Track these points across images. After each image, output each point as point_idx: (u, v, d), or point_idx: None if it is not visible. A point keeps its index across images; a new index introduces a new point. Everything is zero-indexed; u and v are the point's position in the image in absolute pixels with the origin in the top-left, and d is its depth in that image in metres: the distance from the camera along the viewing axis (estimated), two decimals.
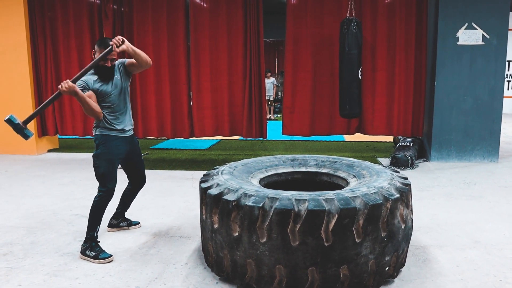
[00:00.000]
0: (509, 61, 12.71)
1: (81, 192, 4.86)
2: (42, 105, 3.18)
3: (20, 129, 3.09)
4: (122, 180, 3.56)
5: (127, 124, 3.35)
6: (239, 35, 6.48)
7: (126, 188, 3.68)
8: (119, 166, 3.36)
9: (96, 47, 3.22)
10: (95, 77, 3.21)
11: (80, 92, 3.02)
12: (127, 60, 3.39)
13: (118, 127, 3.28)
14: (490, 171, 5.79)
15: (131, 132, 3.42)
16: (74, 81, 3.03)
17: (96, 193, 3.24)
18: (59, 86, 2.97)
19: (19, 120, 3.11)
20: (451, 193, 4.81)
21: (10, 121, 3.07)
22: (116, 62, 3.31)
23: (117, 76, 3.31)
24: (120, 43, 3.07)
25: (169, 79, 6.70)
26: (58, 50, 6.95)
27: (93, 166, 3.25)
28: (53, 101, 3.21)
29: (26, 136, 3.12)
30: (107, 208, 3.28)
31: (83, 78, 3.13)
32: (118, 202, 3.71)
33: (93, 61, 3.16)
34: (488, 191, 4.87)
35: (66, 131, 7.18)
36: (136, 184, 3.65)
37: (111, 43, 3.07)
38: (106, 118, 3.24)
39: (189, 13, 6.53)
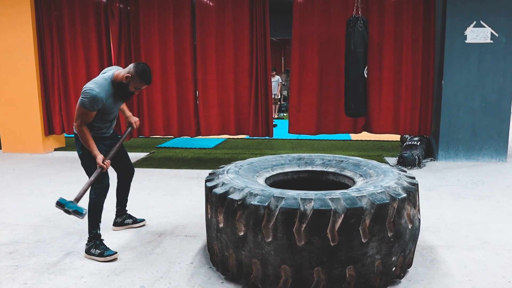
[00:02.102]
0: None
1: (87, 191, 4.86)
2: (89, 182, 3.18)
3: (74, 208, 3.03)
4: (112, 178, 3.54)
5: (109, 129, 3.38)
6: (245, 34, 6.46)
7: (117, 184, 3.66)
8: None
9: (134, 74, 3.13)
10: (110, 91, 3.15)
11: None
12: None
13: (103, 131, 3.30)
14: (498, 170, 5.73)
15: (111, 131, 3.43)
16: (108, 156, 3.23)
17: (91, 190, 3.23)
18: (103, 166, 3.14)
19: (68, 200, 3.07)
20: (459, 192, 4.77)
21: (59, 204, 3.03)
22: None
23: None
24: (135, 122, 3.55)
25: (176, 78, 6.70)
26: (64, 49, 6.97)
27: (83, 165, 3.25)
28: (98, 179, 3.21)
29: (79, 215, 3.02)
30: (111, 208, 3.28)
31: (102, 95, 3.06)
32: (115, 201, 3.70)
33: (119, 143, 3.37)
34: (496, 190, 4.82)
35: (72, 130, 7.18)
36: (126, 175, 3.64)
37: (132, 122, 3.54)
38: (95, 126, 3.21)
39: (195, 12, 6.52)
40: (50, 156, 7.03)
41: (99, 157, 3.12)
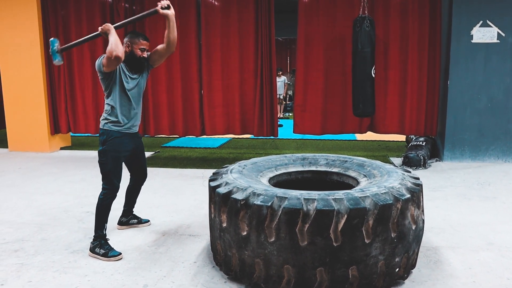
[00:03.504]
0: None
1: (93, 189, 4.89)
2: (82, 39, 3.42)
3: (53, 53, 3.30)
4: (124, 178, 3.55)
5: (135, 122, 3.36)
6: (251, 34, 6.46)
7: (128, 185, 3.68)
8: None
9: (128, 39, 3.29)
10: (124, 67, 3.26)
11: (114, 32, 3.14)
12: (150, 53, 3.45)
13: (128, 124, 3.28)
14: (504, 171, 5.69)
15: (137, 129, 3.43)
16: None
17: (101, 191, 3.24)
18: (100, 28, 3.21)
19: (58, 45, 3.33)
20: (464, 193, 4.74)
21: (51, 43, 3.32)
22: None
23: (143, 74, 3.39)
24: (166, 5, 3.22)
25: (181, 78, 6.71)
26: (71, 49, 6.98)
27: (99, 162, 3.23)
28: (91, 39, 3.40)
29: (54, 60, 3.33)
30: (116, 207, 3.28)
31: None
32: (123, 201, 3.72)
33: (140, 15, 3.37)
34: (502, 191, 4.79)
35: (79, 129, 7.23)
36: (139, 178, 3.65)
37: (158, 8, 3.22)
38: (118, 111, 3.22)
39: (201, 11, 6.53)
40: (56, 155, 7.07)
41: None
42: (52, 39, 3.34)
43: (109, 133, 3.22)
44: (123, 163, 3.36)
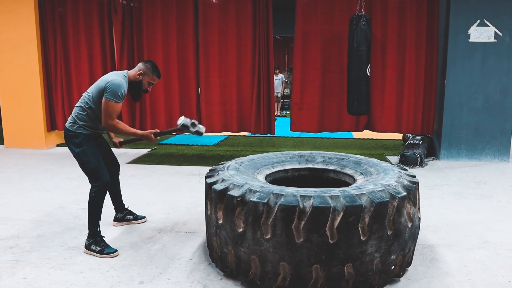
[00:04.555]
0: None
1: (89, 186, 4.85)
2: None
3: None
4: None
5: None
6: (248, 31, 6.46)
7: None
8: None
9: (145, 69, 3.29)
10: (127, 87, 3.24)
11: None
12: None
13: (98, 129, 3.29)
14: (500, 170, 5.71)
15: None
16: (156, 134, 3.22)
17: (90, 189, 3.22)
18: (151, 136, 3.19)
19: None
20: (460, 192, 4.75)
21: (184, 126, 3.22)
22: None
23: None
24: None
25: (178, 75, 6.70)
26: (67, 45, 6.98)
27: (81, 163, 3.20)
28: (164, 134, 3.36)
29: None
30: (110, 203, 3.27)
31: (125, 85, 3.15)
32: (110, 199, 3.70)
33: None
34: (498, 190, 4.80)
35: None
36: (114, 170, 3.59)
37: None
38: (93, 123, 3.22)
39: (198, 8, 6.51)
40: (52, 152, 7.05)
41: (151, 131, 3.21)
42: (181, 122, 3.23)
43: (83, 134, 3.20)
44: None
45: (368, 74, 5.88)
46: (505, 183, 5.09)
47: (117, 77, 3.14)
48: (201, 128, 3.21)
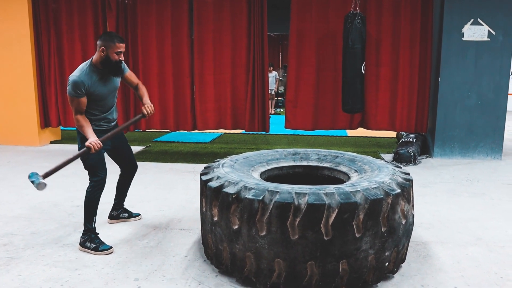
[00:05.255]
0: None
1: (83, 183, 4.78)
2: (66, 160, 3.01)
3: (30, 178, 2.88)
4: (113, 171, 3.54)
5: (111, 117, 3.35)
6: (243, 29, 6.45)
7: (119, 178, 3.67)
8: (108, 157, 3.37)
9: (102, 42, 3.10)
10: (95, 77, 3.14)
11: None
12: (127, 71, 3.45)
13: (103, 121, 3.27)
14: (493, 168, 5.75)
15: (114, 123, 3.42)
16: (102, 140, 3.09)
17: (88, 184, 3.22)
18: (89, 146, 3.00)
19: (39, 176, 2.89)
20: (453, 189, 4.79)
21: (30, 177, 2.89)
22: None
23: (118, 78, 3.35)
24: (150, 112, 3.37)
25: (173, 72, 6.68)
26: (61, 41, 6.94)
27: (81, 159, 3.19)
28: (76, 157, 3.08)
29: (33, 183, 2.86)
30: (106, 200, 3.27)
31: (82, 79, 3.04)
32: (114, 194, 3.71)
33: (129, 122, 3.43)
34: (491, 188, 4.84)
35: (69, 123, 7.16)
36: (128, 171, 3.63)
37: (144, 111, 3.32)
38: (93, 117, 3.20)
39: (193, 6, 6.50)
40: (46, 149, 7.01)
41: (91, 138, 3.02)
42: (30, 173, 2.90)
43: None
44: (108, 156, 3.35)
45: (363, 72, 5.90)
46: (498, 181, 5.13)
47: (75, 72, 3.10)
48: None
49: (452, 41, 6.06)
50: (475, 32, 6.00)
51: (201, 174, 2.98)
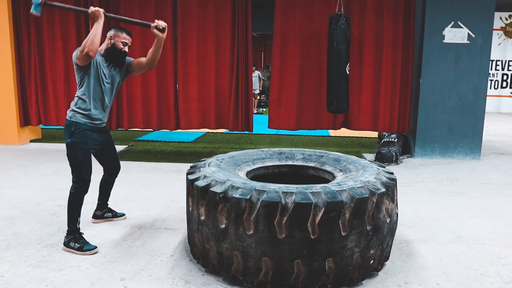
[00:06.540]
0: (492, 61, 12.90)
1: (65, 183, 4.79)
2: (68, 7, 3.39)
3: (35, 2, 3.07)
4: (96, 170, 3.49)
5: (104, 118, 3.33)
6: (227, 28, 6.45)
7: (102, 178, 3.64)
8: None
9: (113, 31, 3.28)
10: (102, 60, 3.24)
11: (102, 23, 3.09)
12: (133, 59, 3.45)
13: (96, 117, 3.24)
14: (472, 167, 5.88)
15: (104, 124, 3.40)
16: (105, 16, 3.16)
17: (71, 185, 3.18)
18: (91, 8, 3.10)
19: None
20: (434, 189, 4.88)
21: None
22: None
23: (122, 70, 3.36)
24: (162, 27, 3.27)
25: (156, 71, 6.63)
26: (42, 39, 6.82)
27: (68, 154, 3.16)
28: (77, 11, 3.48)
29: (33, 9, 3.08)
30: (90, 200, 3.23)
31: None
32: (97, 194, 3.67)
33: (134, 19, 3.42)
34: (470, 187, 4.95)
35: (50, 121, 7.05)
36: (112, 172, 3.61)
37: (153, 24, 3.25)
38: (91, 104, 3.19)
39: (177, 4, 6.47)
40: (26, 148, 6.89)
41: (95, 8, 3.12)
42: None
43: (78, 125, 3.16)
44: (93, 157, 3.32)
45: (348, 72, 5.95)
46: (477, 180, 5.25)
47: None
48: None
49: (433, 43, 6.17)
50: (456, 34, 6.12)
51: (188, 174, 2.98)
